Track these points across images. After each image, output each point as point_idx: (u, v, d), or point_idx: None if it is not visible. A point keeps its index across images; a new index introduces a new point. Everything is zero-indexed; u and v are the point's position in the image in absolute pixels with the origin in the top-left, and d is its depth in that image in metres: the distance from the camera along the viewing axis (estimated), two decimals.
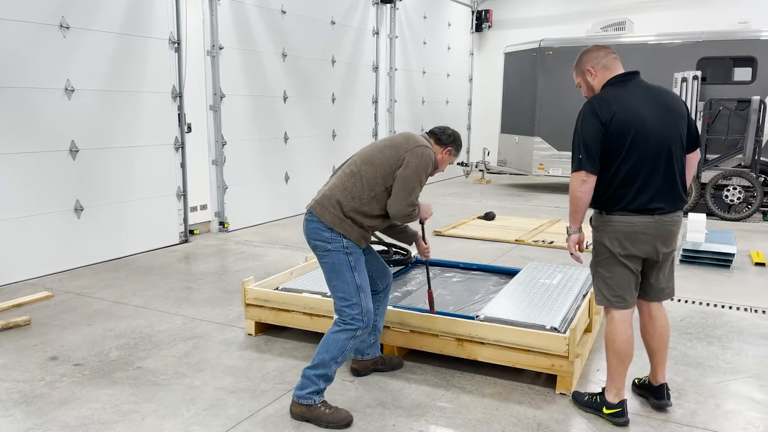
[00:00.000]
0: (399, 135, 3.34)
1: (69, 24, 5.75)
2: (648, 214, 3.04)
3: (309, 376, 3.12)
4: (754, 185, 8.72)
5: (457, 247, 7.05)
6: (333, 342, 3.11)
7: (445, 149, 3.38)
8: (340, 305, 3.16)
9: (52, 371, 3.72)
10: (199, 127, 7.43)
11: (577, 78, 3.32)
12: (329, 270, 3.18)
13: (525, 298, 4.01)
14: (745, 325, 4.61)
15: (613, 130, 3.01)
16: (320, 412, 3.10)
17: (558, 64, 11.12)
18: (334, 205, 3.13)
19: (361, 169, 3.17)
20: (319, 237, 3.14)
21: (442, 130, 3.40)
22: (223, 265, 6.28)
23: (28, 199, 5.58)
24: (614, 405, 3.18)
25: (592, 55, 3.21)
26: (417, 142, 3.22)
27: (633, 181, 3.03)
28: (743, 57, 9.68)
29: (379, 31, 10.83)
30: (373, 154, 3.23)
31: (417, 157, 3.16)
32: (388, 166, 3.16)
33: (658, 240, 3.08)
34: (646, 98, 3.07)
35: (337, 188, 3.17)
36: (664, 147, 3.04)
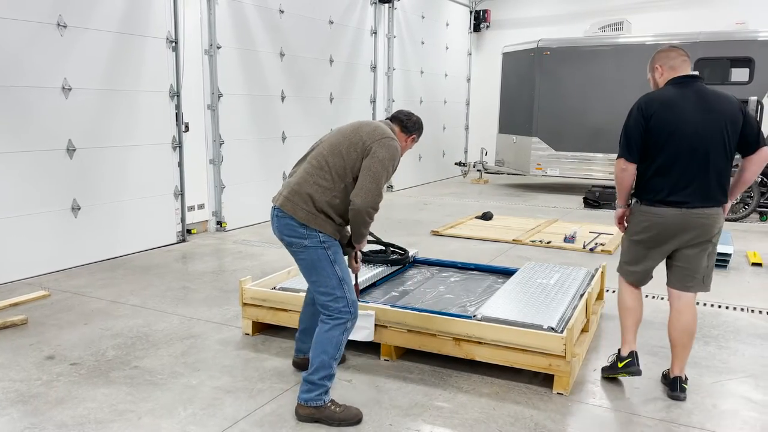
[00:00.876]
0: (365, 123, 3.23)
1: (66, 23, 5.73)
2: (675, 206, 3.29)
3: (314, 381, 3.08)
4: (751, 186, 8.74)
5: (454, 247, 7.06)
6: (327, 341, 3.07)
7: (409, 137, 3.34)
8: (324, 300, 3.09)
9: (49, 370, 3.71)
10: (197, 126, 7.42)
11: (648, 74, 3.57)
12: (308, 266, 3.10)
13: (522, 297, 4.01)
14: (742, 325, 4.61)
15: (653, 125, 3.29)
16: (331, 412, 3.08)
17: (556, 64, 11.14)
18: (305, 200, 3.04)
19: (329, 161, 3.06)
20: (294, 233, 3.06)
21: (407, 117, 3.32)
22: (221, 264, 6.28)
23: (25, 198, 5.57)
24: (625, 357, 3.52)
25: (665, 54, 3.45)
26: (384, 133, 3.12)
27: (665, 173, 3.29)
28: (740, 57, 9.70)
29: (377, 30, 10.83)
30: (340, 142, 3.10)
31: (385, 149, 3.06)
32: (355, 154, 3.05)
33: (681, 230, 3.32)
34: (693, 101, 3.28)
35: (306, 182, 3.06)
36: (701, 147, 3.24)
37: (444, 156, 13.62)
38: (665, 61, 3.42)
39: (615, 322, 4.61)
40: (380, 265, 4.85)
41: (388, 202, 10.29)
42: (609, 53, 10.82)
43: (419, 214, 9.25)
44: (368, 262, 4.88)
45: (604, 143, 10.82)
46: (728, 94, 3.36)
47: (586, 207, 9.98)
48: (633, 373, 3.49)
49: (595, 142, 10.84)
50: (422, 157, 12.70)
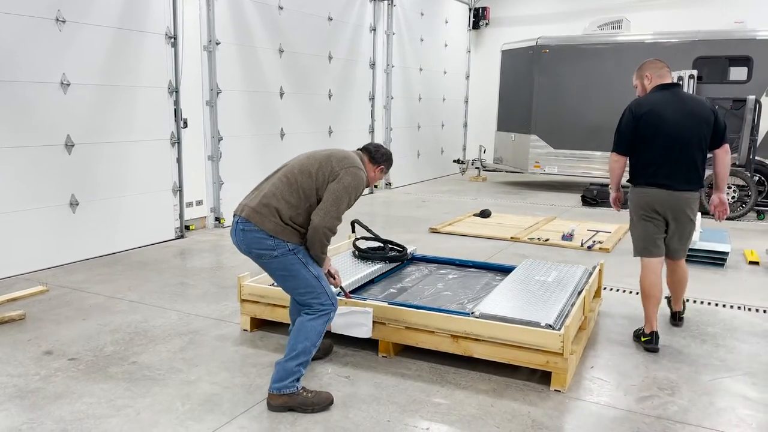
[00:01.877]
0: (337, 150, 3.39)
1: (65, 18, 5.72)
2: (663, 188, 4.03)
3: (290, 367, 3.17)
4: (748, 184, 8.76)
5: (452, 244, 7.06)
6: (311, 329, 3.19)
7: (377, 167, 3.48)
8: (306, 299, 3.23)
9: (47, 366, 3.71)
10: (195, 122, 7.41)
11: (636, 81, 4.26)
12: (282, 274, 3.22)
13: (520, 295, 4.02)
14: (739, 323, 4.63)
15: (642, 124, 4.00)
16: (304, 398, 3.18)
17: (555, 62, 11.14)
18: (272, 212, 3.14)
19: (299, 179, 3.19)
20: (263, 246, 3.15)
21: (376, 149, 3.49)
22: (219, 260, 6.28)
23: (23, 194, 5.57)
24: (647, 335, 4.12)
25: (653, 65, 4.19)
26: (353, 163, 3.28)
27: (653, 163, 4.03)
28: (739, 56, 9.71)
29: (376, 27, 10.82)
30: (310, 164, 3.24)
31: (351, 176, 3.21)
32: (323, 177, 3.19)
33: (668, 208, 4.07)
34: (675, 104, 4.00)
35: (275, 197, 3.16)
36: (681, 142, 3.97)
37: (442, 153, 13.62)
38: (654, 71, 4.13)
39: (613, 320, 4.63)
40: (378, 262, 4.86)
41: (386, 199, 10.30)
42: (608, 51, 10.82)
43: (417, 211, 9.26)
44: (366, 259, 4.89)
45: (603, 141, 10.81)
46: (702, 98, 4.13)
47: (584, 205, 9.99)
48: (651, 350, 4.05)
49: (594, 141, 10.85)
50: (421, 154, 12.70)
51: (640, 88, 4.23)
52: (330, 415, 3.17)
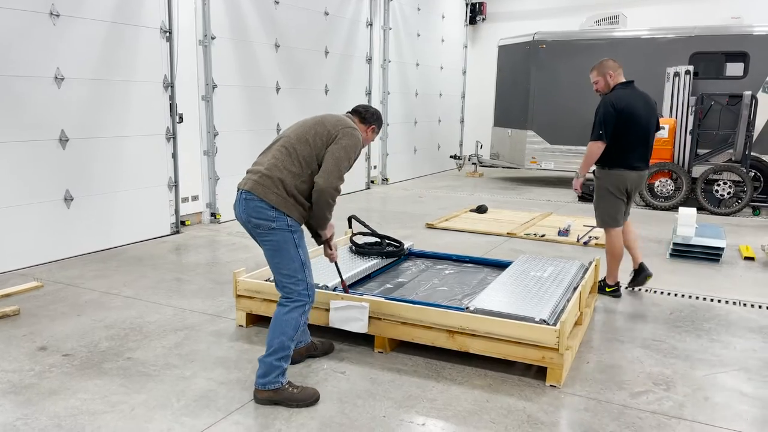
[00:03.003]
0: (329, 115, 3.40)
1: (59, 12, 5.68)
2: (633, 170, 4.86)
3: (271, 363, 3.18)
4: (744, 180, 8.77)
5: (449, 239, 7.06)
6: (287, 322, 3.19)
7: (369, 127, 3.49)
8: (285, 282, 3.21)
9: (41, 361, 3.70)
10: (191, 117, 7.38)
11: (597, 77, 4.90)
12: (272, 248, 3.19)
13: (515, 290, 4.02)
14: (734, 318, 4.64)
15: (621, 116, 4.72)
16: (289, 393, 3.19)
17: (551, 58, 11.13)
18: (276, 184, 3.13)
19: (297, 148, 3.20)
20: (263, 215, 3.14)
21: (365, 109, 3.50)
22: (215, 256, 6.26)
23: (17, 189, 5.54)
24: (612, 285, 5.09)
25: (613, 64, 4.89)
26: (347, 124, 3.31)
27: (629, 149, 4.81)
28: (735, 52, 9.72)
29: (372, 22, 10.78)
30: (306, 131, 3.25)
31: (348, 137, 3.24)
32: (321, 142, 3.21)
33: (636, 186, 4.94)
34: (639, 99, 4.84)
35: (277, 168, 3.16)
36: (645, 130, 4.84)
37: (439, 149, 13.61)
38: (614, 70, 4.86)
39: (608, 315, 4.64)
40: (375, 257, 4.85)
41: (383, 195, 10.29)
42: (605, 47, 10.79)
43: (414, 206, 9.25)
44: (363, 254, 4.88)
45: None
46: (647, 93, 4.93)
47: (581, 200, 9.99)
48: (616, 296, 5.04)
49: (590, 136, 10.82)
50: (417, 150, 12.69)
51: (602, 84, 4.88)
52: (326, 410, 3.17)
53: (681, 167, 9.22)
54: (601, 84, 4.87)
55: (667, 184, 9.22)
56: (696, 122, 9.15)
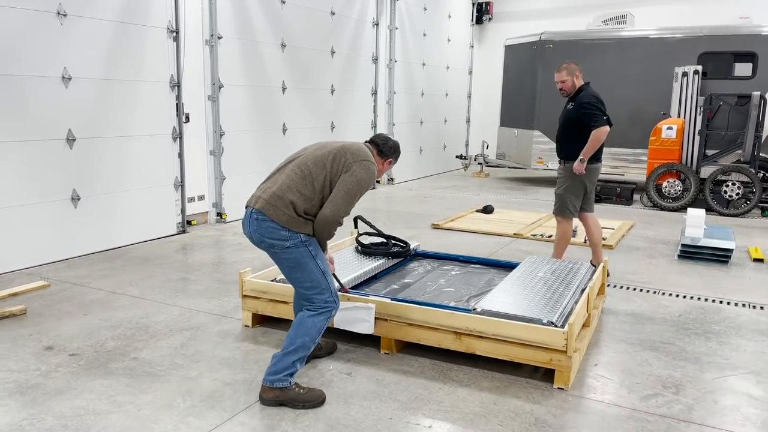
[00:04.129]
0: (349, 142, 3.39)
1: (66, 11, 5.69)
2: (600, 162, 5.39)
3: (287, 361, 3.18)
4: (753, 181, 8.71)
5: (455, 240, 7.04)
6: (311, 325, 3.20)
7: (386, 160, 3.48)
8: (310, 294, 3.23)
9: (48, 361, 3.70)
10: (197, 117, 7.39)
11: (566, 77, 5.16)
12: (291, 265, 3.21)
13: (523, 291, 3.99)
14: (743, 321, 4.60)
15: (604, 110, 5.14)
16: (295, 393, 3.18)
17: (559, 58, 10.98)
18: (287, 205, 3.12)
19: (312, 171, 3.18)
20: (276, 236, 3.14)
21: (384, 141, 3.47)
22: (221, 256, 6.26)
23: (25, 188, 5.55)
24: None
25: (577, 67, 5.21)
26: (366, 156, 3.28)
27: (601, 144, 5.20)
28: (744, 52, 9.65)
29: (378, 22, 10.77)
30: (325, 156, 3.23)
31: (364, 170, 3.21)
32: (336, 168, 3.20)
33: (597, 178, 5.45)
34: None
35: (290, 190, 3.15)
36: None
37: (445, 149, 13.58)
38: (580, 72, 5.20)
39: (616, 317, 4.61)
40: (381, 257, 4.83)
41: (389, 195, 10.27)
42: (612, 47, 10.76)
43: (420, 207, 9.23)
44: (369, 254, 4.87)
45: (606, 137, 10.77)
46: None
47: None
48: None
49: None
50: (423, 150, 12.66)
51: (570, 84, 5.14)
52: (332, 412, 3.15)
53: (689, 168, 9.16)
54: (568, 84, 5.13)
55: (675, 184, 9.16)
56: (704, 123, 9.09)
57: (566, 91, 5.20)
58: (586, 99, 5.09)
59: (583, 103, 5.08)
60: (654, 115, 9.84)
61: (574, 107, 5.17)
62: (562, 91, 5.23)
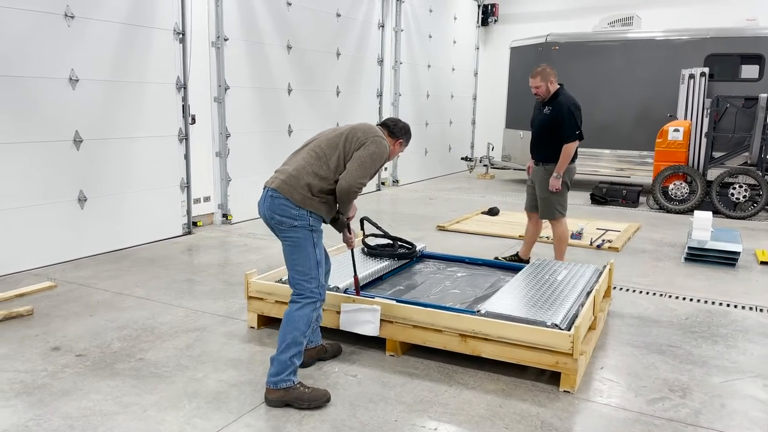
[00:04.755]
0: (360, 123, 3.49)
1: (74, 13, 5.72)
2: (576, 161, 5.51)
3: (284, 360, 3.20)
4: (760, 183, 8.67)
5: (460, 242, 7.03)
6: (298, 318, 3.24)
7: (396, 141, 3.55)
8: (298, 279, 3.27)
9: (54, 362, 3.71)
10: (204, 118, 7.41)
11: (540, 82, 5.21)
12: (292, 245, 3.26)
13: (528, 293, 3.98)
14: (751, 324, 4.58)
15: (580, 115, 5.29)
16: (300, 392, 3.20)
17: (564, 60, 11.05)
18: (303, 186, 3.22)
19: (327, 152, 3.30)
20: (286, 213, 3.22)
21: (394, 123, 3.56)
22: (226, 257, 6.27)
23: (32, 189, 5.57)
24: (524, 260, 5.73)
25: (552, 71, 5.25)
26: (377, 133, 3.40)
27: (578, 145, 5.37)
28: (751, 54, 9.61)
29: (384, 24, 10.77)
30: (337, 137, 3.35)
31: (376, 145, 3.32)
32: (350, 147, 3.31)
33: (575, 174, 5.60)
34: None
35: (305, 171, 3.25)
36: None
37: (450, 151, 13.57)
38: (554, 77, 5.23)
39: (623, 320, 4.59)
40: (387, 259, 4.83)
41: (394, 197, 10.27)
42: (618, 48, 10.74)
43: (425, 208, 9.22)
44: (375, 255, 4.86)
45: (612, 139, 10.76)
46: None
47: (593, 203, 9.93)
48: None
49: (603, 138, 10.76)
50: (428, 151, 12.66)
51: (544, 90, 5.21)
52: (337, 413, 3.15)
53: (696, 170, 9.13)
54: (543, 90, 5.21)
55: (682, 187, 9.13)
56: (711, 125, 9.06)
57: (541, 96, 5.28)
58: (566, 107, 5.19)
59: (563, 111, 5.19)
60: (660, 117, 9.82)
61: (552, 111, 5.26)
62: (537, 96, 5.32)
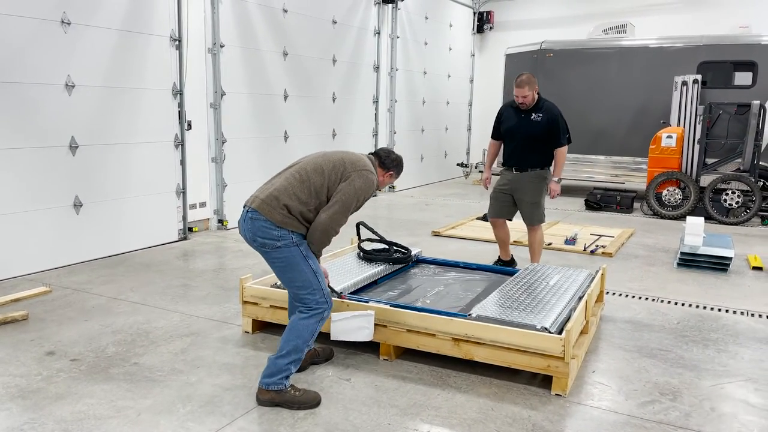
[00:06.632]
0: (351, 153, 3.47)
1: (70, 20, 5.75)
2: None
3: (281, 365, 3.23)
4: (752, 189, 8.73)
5: (455, 247, 7.06)
6: (304, 327, 3.25)
7: (387, 173, 3.56)
8: (301, 294, 3.27)
9: (49, 366, 3.72)
10: (200, 124, 7.44)
11: (529, 92, 5.25)
12: (282, 265, 3.27)
13: (519, 297, 4.01)
14: (742, 328, 4.61)
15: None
16: (291, 396, 3.23)
17: (559, 66, 11.14)
18: (281, 207, 3.20)
19: (311, 177, 3.26)
20: (268, 235, 3.22)
21: (387, 154, 3.56)
22: (221, 262, 6.29)
23: (27, 194, 5.59)
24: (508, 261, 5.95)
25: (534, 78, 5.31)
26: (365, 166, 3.36)
27: None
28: (744, 61, 9.69)
29: (380, 31, 10.84)
30: (323, 163, 3.31)
31: (362, 179, 3.29)
32: (335, 177, 3.27)
33: None
34: None
35: (286, 192, 3.22)
36: None
37: (446, 157, 13.62)
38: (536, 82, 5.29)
39: (615, 324, 4.62)
40: (383, 263, 4.86)
41: (389, 202, 10.31)
42: (612, 56, 10.82)
43: (420, 214, 9.26)
44: (371, 260, 4.89)
45: (607, 145, 10.82)
46: None
47: (588, 209, 9.98)
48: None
49: (598, 145, 10.84)
50: (424, 157, 12.70)
51: (531, 98, 5.25)
52: (330, 417, 3.17)
53: (689, 176, 9.19)
54: (530, 98, 5.26)
55: (675, 193, 9.18)
56: (704, 131, 9.13)
57: (527, 105, 5.31)
58: (555, 112, 5.34)
59: (556, 116, 5.34)
60: (654, 124, 9.88)
61: (544, 118, 5.32)
62: (523, 105, 5.33)
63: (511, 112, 5.50)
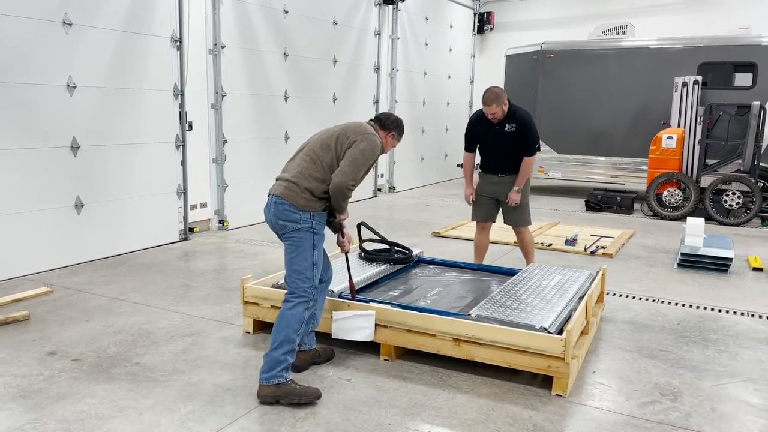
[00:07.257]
0: (352, 123, 3.62)
1: (72, 21, 5.76)
2: None
3: (276, 357, 3.28)
4: (753, 190, 8.74)
5: (456, 248, 7.07)
6: (292, 317, 3.34)
7: (388, 134, 3.68)
8: (294, 277, 3.39)
9: (51, 366, 3.73)
10: (200, 125, 7.45)
11: (497, 108, 5.14)
12: (292, 245, 3.39)
13: (520, 297, 4.02)
14: (742, 329, 4.62)
15: None
16: (291, 389, 3.28)
17: (559, 67, 11.15)
18: (304, 190, 3.36)
19: (320, 155, 3.42)
20: (290, 218, 3.36)
21: (386, 116, 3.72)
22: (222, 263, 6.30)
23: (29, 195, 5.60)
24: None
25: (503, 92, 5.21)
26: (367, 130, 3.52)
27: None
28: (744, 62, 9.71)
29: (380, 31, 10.85)
30: (328, 138, 3.48)
31: (366, 142, 3.43)
32: (341, 147, 3.43)
33: None
34: None
35: (302, 176, 3.38)
36: None
37: (446, 157, 13.63)
38: (504, 93, 5.21)
39: (615, 325, 4.63)
40: (384, 263, 4.86)
41: (390, 203, 10.32)
42: (612, 57, 10.83)
43: (421, 215, 9.26)
44: (372, 260, 4.90)
45: (607, 146, 10.83)
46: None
47: (588, 210, 9.99)
48: None
49: (598, 145, 10.85)
50: (425, 158, 12.72)
51: (500, 113, 5.16)
52: (331, 416, 3.18)
53: (689, 177, 9.20)
54: (499, 114, 5.19)
55: (676, 194, 9.19)
56: (704, 132, 9.13)
57: (498, 119, 5.24)
58: (530, 122, 5.33)
59: (530, 126, 5.31)
60: (654, 125, 9.89)
61: (518, 127, 5.25)
62: (494, 119, 5.25)
63: (484, 126, 5.38)
